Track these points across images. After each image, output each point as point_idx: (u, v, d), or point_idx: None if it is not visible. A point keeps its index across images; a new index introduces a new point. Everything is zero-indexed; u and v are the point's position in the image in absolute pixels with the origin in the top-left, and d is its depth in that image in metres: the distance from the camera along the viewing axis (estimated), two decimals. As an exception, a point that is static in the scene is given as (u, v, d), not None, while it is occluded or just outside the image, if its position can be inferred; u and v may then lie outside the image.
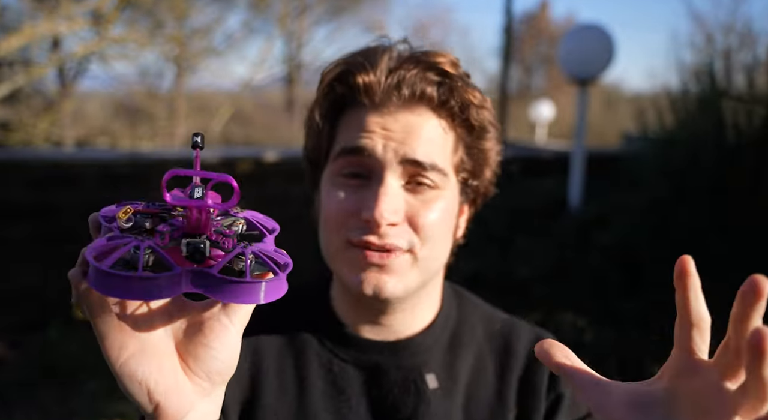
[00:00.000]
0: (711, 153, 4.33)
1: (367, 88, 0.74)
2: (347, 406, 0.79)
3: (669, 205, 4.14)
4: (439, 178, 0.75)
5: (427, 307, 0.83)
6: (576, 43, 4.48)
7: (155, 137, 9.84)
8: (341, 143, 0.76)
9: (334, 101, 0.78)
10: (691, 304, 0.49)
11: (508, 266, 3.95)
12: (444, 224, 0.77)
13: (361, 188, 0.75)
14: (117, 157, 4.12)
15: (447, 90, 0.75)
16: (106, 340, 0.46)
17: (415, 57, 0.76)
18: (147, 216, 0.48)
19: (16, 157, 3.90)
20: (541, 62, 21.52)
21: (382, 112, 0.74)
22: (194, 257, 0.45)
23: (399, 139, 0.73)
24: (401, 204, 0.73)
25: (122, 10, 7.85)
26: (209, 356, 0.49)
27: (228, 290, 0.43)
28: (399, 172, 0.74)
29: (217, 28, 10.62)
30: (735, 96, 4.62)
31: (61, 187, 3.86)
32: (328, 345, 0.82)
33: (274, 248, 0.51)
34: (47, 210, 3.84)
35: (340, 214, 0.75)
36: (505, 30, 7.73)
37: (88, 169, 3.93)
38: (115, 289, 0.41)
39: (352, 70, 0.75)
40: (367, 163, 0.74)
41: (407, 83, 0.74)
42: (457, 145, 0.77)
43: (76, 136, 9.47)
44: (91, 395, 3.15)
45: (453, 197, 0.78)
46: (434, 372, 0.81)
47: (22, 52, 7.50)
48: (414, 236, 0.74)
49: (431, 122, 0.75)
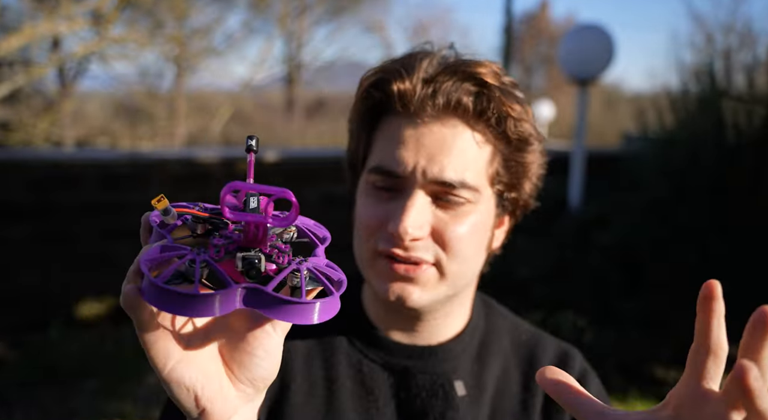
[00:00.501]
0: (711, 153, 4.32)
1: (402, 96, 0.74)
2: (375, 407, 0.80)
3: (669, 205, 4.14)
4: (469, 195, 0.74)
5: (458, 315, 0.84)
6: (576, 43, 4.48)
7: (155, 137, 9.83)
8: (376, 157, 0.77)
9: (371, 107, 0.78)
10: (713, 331, 0.45)
11: (508, 266, 3.95)
12: (474, 238, 0.77)
13: (391, 200, 0.75)
14: (117, 157, 4.12)
15: (484, 101, 0.74)
16: (152, 348, 0.46)
17: (453, 66, 0.74)
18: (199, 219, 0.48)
19: (16, 157, 3.90)
20: (541, 62, 21.52)
21: (416, 123, 0.74)
22: (249, 273, 0.44)
23: (430, 155, 0.73)
24: (427, 219, 0.74)
25: (122, 10, 7.85)
26: (252, 363, 0.49)
27: (282, 309, 0.43)
28: (428, 189, 0.74)
29: (217, 28, 10.63)
30: (735, 96, 4.62)
31: (61, 187, 3.86)
32: (359, 346, 0.83)
33: (326, 262, 0.50)
34: (47, 210, 3.84)
35: (371, 223, 0.76)
36: (505, 30, 7.72)
37: (88, 169, 3.93)
38: (171, 305, 0.41)
39: (388, 78, 0.75)
40: (399, 181, 0.74)
41: (443, 92, 0.73)
42: (494, 157, 0.76)
43: (76, 136, 9.46)
44: (91, 395, 3.15)
45: (487, 210, 0.78)
46: (462, 379, 0.82)
47: (22, 52, 7.50)
48: (440, 250, 0.75)
49: (465, 134, 0.74)
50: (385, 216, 0.75)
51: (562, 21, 21.64)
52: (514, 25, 8.51)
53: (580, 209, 4.59)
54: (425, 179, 0.73)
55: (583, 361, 0.88)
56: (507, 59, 7.82)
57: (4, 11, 7.52)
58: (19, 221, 3.78)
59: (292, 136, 10.99)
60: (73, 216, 3.90)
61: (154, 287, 0.41)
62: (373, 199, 0.77)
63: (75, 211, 3.91)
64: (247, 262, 0.44)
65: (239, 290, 0.42)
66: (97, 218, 3.97)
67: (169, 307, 0.41)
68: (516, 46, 17.23)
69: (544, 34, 21.31)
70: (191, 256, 0.43)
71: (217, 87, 12.29)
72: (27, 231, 3.80)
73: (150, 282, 0.41)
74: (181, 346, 0.47)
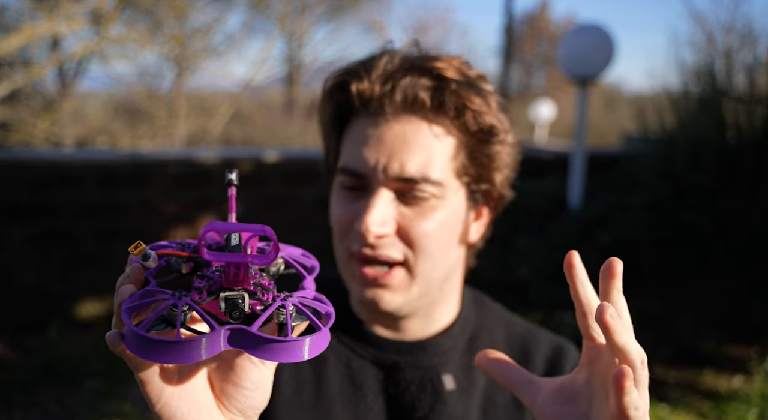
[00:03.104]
0: (711, 153, 4.32)
1: (361, 96, 0.75)
2: (364, 403, 0.80)
3: (669, 205, 4.14)
4: (434, 189, 0.75)
5: (443, 310, 0.84)
6: (576, 43, 4.48)
7: (155, 137, 9.82)
8: (343, 158, 0.78)
9: (336, 109, 0.79)
10: (581, 294, 0.52)
11: (508, 266, 3.95)
12: (442, 233, 0.76)
13: (358, 199, 0.77)
14: (117, 157, 4.12)
15: (441, 95, 0.74)
16: (147, 385, 0.46)
17: (411, 62, 0.75)
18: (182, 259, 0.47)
19: (16, 157, 3.89)
20: (541, 62, 21.52)
21: (377, 122, 0.75)
22: (233, 314, 0.44)
23: (391, 152, 0.74)
24: (390, 215, 0.74)
25: (122, 10, 7.84)
26: (241, 395, 0.49)
27: (269, 349, 0.41)
28: (392, 186, 0.75)
29: (217, 28, 10.62)
30: (735, 96, 4.62)
31: (61, 187, 3.86)
32: (347, 341, 0.83)
33: (314, 294, 0.49)
34: (47, 210, 3.84)
35: (341, 224, 0.77)
36: (505, 30, 7.73)
37: (88, 169, 3.93)
38: (153, 354, 0.40)
39: (347, 79, 0.77)
40: (364, 180, 0.76)
41: (400, 89, 0.74)
42: (458, 150, 0.77)
43: (76, 136, 9.46)
44: (91, 395, 3.15)
45: (456, 204, 0.78)
46: (452, 373, 0.82)
47: (22, 52, 7.50)
48: (407, 248, 0.75)
49: (425, 129, 0.75)
50: (353, 215, 0.76)
51: (562, 21, 21.64)
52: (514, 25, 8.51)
53: (580, 209, 4.59)
54: (387, 177, 0.74)
55: (577, 354, 0.87)
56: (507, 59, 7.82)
57: (4, 11, 7.52)
58: (19, 221, 3.77)
59: (292, 136, 10.98)
60: (73, 216, 3.90)
61: (135, 335, 0.40)
62: (343, 199, 0.78)
63: (75, 211, 3.91)
64: (230, 303, 0.44)
65: (223, 332, 0.41)
66: (96, 218, 3.96)
67: (152, 355, 0.40)
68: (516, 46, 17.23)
69: (544, 34, 21.30)
70: (173, 300, 0.43)
71: (217, 87, 12.29)
72: (27, 231, 3.80)
73: (130, 330, 0.41)
74: (173, 380, 0.47)
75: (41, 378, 3.24)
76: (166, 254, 0.47)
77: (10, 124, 7.95)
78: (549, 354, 0.85)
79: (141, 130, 9.97)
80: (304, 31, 14.05)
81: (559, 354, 0.86)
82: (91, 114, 11.38)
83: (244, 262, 0.43)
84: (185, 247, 0.49)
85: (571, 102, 12.30)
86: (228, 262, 0.44)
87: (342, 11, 14.54)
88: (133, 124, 10.43)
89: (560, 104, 14.21)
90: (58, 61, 8.46)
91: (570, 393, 0.54)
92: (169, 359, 0.40)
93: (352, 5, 14.49)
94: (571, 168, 4.68)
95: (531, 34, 21.46)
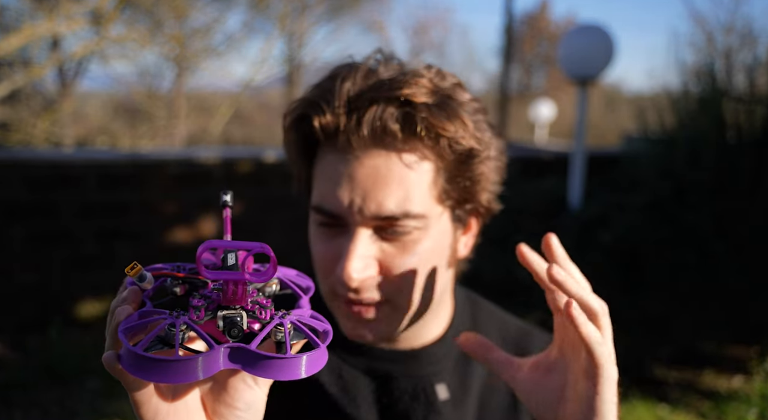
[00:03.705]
0: (711, 153, 4.32)
1: (326, 131, 0.69)
2: (357, 413, 0.79)
3: (669, 205, 4.13)
4: (416, 223, 0.69)
5: (436, 319, 0.82)
6: (576, 43, 4.47)
7: (155, 137, 9.83)
8: (316, 195, 0.73)
9: (301, 141, 0.74)
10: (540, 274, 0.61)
11: (508, 266, 3.95)
12: (428, 264, 0.72)
13: (338, 236, 0.72)
14: (117, 157, 4.12)
15: (412, 124, 0.67)
16: (142, 407, 0.45)
17: (376, 88, 0.68)
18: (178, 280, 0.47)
19: (16, 157, 3.89)
20: (541, 62, 21.52)
21: (346, 159, 0.69)
22: (231, 332, 0.44)
23: (365, 191, 0.68)
24: (371, 256, 0.70)
25: (122, 10, 7.84)
26: (233, 415, 0.49)
27: (267, 366, 0.41)
28: (370, 225, 0.70)
29: (217, 28, 10.61)
30: (736, 96, 4.62)
31: (61, 187, 3.86)
32: (338, 352, 0.81)
33: (311, 313, 0.49)
34: (47, 210, 3.84)
35: (323, 263, 0.73)
36: (505, 30, 7.72)
37: (88, 169, 3.93)
38: (152, 373, 0.40)
39: (308, 113, 0.70)
40: (339, 219, 0.71)
41: (366, 123, 0.67)
42: (437, 176, 0.70)
43: (76, 136, 9.46)
44: (91, 395, 3.15)
45: (440, 231, 0.73)
46: (445, 382, 0.80)
47: (22, 52, 7.50)
48: (390, 288, 0.71)
49: (398, 162, 0.68)
50: (333, 254, 0.71)
51: (562, 21, 21.64)
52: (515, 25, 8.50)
53: (580, 209, 4.58)
54: (364, 217, 0.68)
55: None
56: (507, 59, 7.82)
57: (4, 11, 7.51)
58: (19, 221, 3.77)
59: (292, 136, 10.92)
60: (73, 216, 3.90)
61: (132, 355, 0.40)
62: (321, 237, 0.73)
63: (75, 211, 3.91)
64: (228, 321, 0.44)
65: (222, 350, 0.41)
66: (96, 218, 3.96)
67: (150, 375, 0.40)
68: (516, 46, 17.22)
69: (544, 34, 21.30)
70: (170, 320, 0.43)
71: (217, 87, 12.29)
72: (27, 231, 3.80)
73: (128, 350, 0.40)
74: (167, 401, 0.47)
75: (41, 378, 3.24)
76: (162, 275, 0.47)
77: (10, 124, 7.95)
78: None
79: (141, 130, 9.98)
80: (304, 31, 14.05)
81: None
82: (91, 114, 11.38)
83: (243, 279, 0.43)
84: (180, 269, 0.49)
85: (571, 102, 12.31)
86: (226, 280, 0.44)
87: (342, 11, 14.54)
88: (133, 124, 10.44)
89: (560, 104, 14.21)
90: (58, 61, 8.46)
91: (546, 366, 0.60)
92: (168, 378, 0.40)
93: (352, 5, 14.49)
94: (571, 168, 4.68)
95: (531, 34, 21.45)
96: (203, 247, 0.42)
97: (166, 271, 0.47)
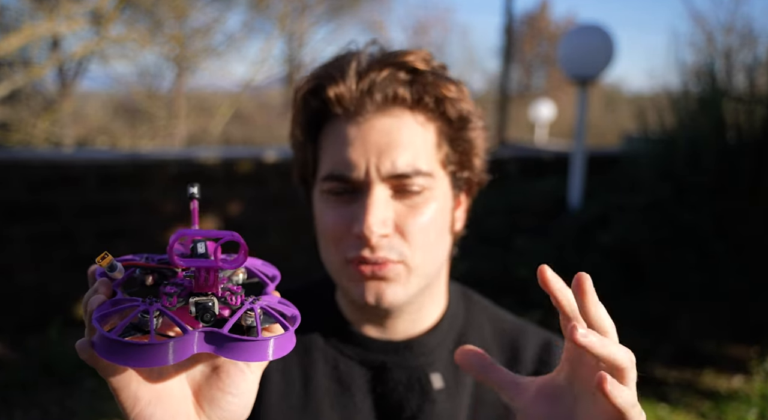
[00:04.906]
0: (711, 153, 4.32)
1: (340, 99, 0.74)
2: (352, 403, 0.80)
3: (669, 206, 4.14)
4: (425, 181, 0.75)
5: (431, 308, 0.84)
6: (576, 43, 4.48)
7: (155, 137, 9.82)
8: (327, 165, 0.76)
9: (311, 116, 0.78)
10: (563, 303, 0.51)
11: (508, 266, 3.95)
12: (436, 225, 0.77)
13: (350, 203, 0.75)
14: (117, 157, 4.12)
15: (419, 87, 0.74)
16: (120, 393, 0.46)
17: (382, 59, 0.75)
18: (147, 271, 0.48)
19: (16, 157, 3.89)
20: (541, 62, 21.52)
21: (359, 122, 0.74)
22: (204, 317, 0.45)
23: (379, 151, 0.73)
24: (390, 214, 0.74)
25: (122, 10, 7.84)
26: (225, 401, 0.49)
27: (239, 349, 0.43)
28: (385, 184, 0.74)
29: (217, 28, 10.61)
30: (735, 96, 4.62)
31: (61, 187, 3.86)
32: (334, 343, 0.83)
33: (279, 299, 0.51)
34: (47, 210, 3.84)
35: (335, 231, 0.76)
36: (505, 30, 7.72)
37: (88, 169, 3.93)
38: (127, 358, 0.41)
39: (322, 84, 0.75)
40: (355, 183, 0.74)
41: (378, 87, 0.73)
42: (440, 140, 0.77)
43: (76, 136, 9.46)
44: (90, 395, 3.15)
45: (444, 194, 0.78)
46: (440, 372, 0.81)
47: (22, 52, 7.50)
48: (405, 246, 0.75)
49: (409, 123, 0.75)
50: (348, 219, 0.74)
51: (562, 21, 21.64)
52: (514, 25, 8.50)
53: (580, 209, 4.59)
54: (380, 176, 0.73)
55: None
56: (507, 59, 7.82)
57: (4, 11, 7.52)
58: (19, 221, 3.77)
59: (292, 136, 10.92)
60: (73, 216, 3.90)
61: (105, 340, 0.41)
62: (333, 205, 0.76)
63: (75, 211, 3.91)
64: (200, 307, 0.45)
65: (196, 335, 0.43)
66: (96, 218, 3.96)
67: (121, 359, 0.41)
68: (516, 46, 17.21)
69: (544, 34, 21.30)
70: (144, 306, 0.44)
71: (217, 87, 12.29)
72: (27, 231, 3.80)
73: (101, 335, 0.41)
74: (150, 388, 0.47)
75: (41, 378, 3.24)
76: (132, 265, 0.48)
77: (10, 124, 7.95)
78: (537, 350, 0.85)
79: (141, 130, 9.97)
80: (304, 31, 14.05)
81: (548, 349, 0.85)
82: (91, 114, 11.38)
83: (215, 266, 0.45)
84: (149, 260, 0.50)
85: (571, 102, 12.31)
86: (198, 268, 0.45)
87: (342, 11, 14.54)
88: (133, 124, 10.44)
89: (560, 104, 14.21)
90: (58, 61, 8.46)
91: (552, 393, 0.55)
92: (141, 362, 0.41)
93: (352, 5, 14.49)
94: (571, 168, 4.68)
95: (531, 34, 21.45)
96: (175, 236, 0.43)
97: (136, 262, 0.48)
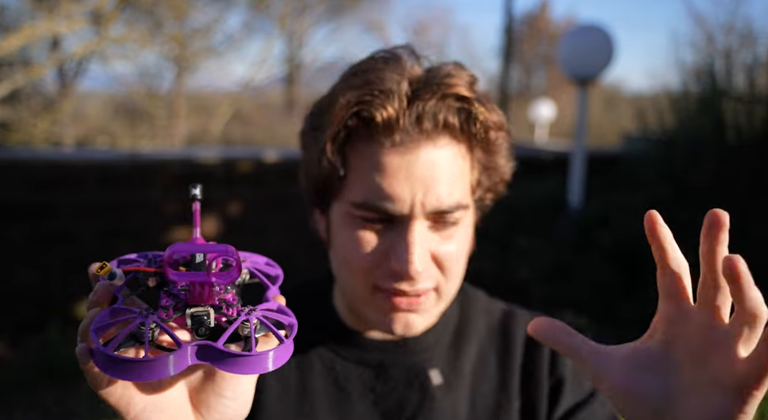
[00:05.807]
0: (711, 153, 4.32)
1: (387, 125, 0.68)
2: (349, 404, 0.79)
3: (669, 205, 4.13)
4: (461, 213, 0.73)
5: None
6: (576, 43, 4.48)
7: (155, 137, 9.83)
8: (360, 191, 0.70)
9: (345, 132, 0.71)
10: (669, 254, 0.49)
11: (508, 266, 3.95)
12: (465, 251, 0.77)
13: (386, 232, 0.71)
14: (117, 157, 4.12)
15: (467, 116, 0.70)
16: (111, 398, 0.46)
17: (430, 82, 0.69)
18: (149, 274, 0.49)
19: (16, 157, 3.89)
20: (541, 62, 21.51)
21: (401, 151, 0.69)
22: (198, 331, 0.46)
23: (425, 186, 0.69)
24: (427, 246, 0.72)
25: (122, 10, 7.84)
26: (221, 404, 0.49)
27: (234, 362, 0.43)
28: (426, 218, 0.71)
29: (217, 28, 10.62)
30: (735, 96, 4.62)
31: (61, 187, 3.86)
32: (331, 344, 0.82)
33: (278, 305, 0.50)
34: (47, 210, 3.84)
35: (367, 260, 0.72)
36: (505, 30, 7.73)
37: (88, 169, 3.93)
38: (122, 373, 0.41)
39: (368, 103, 0.69)
40: (392, 216, 0.71)
41: (428, 115, 0.68)
42: (473, 167, 0.75)
43: (76, 136, 9.46)
44: (90, 395, 3.15)
45: (471, 221, 0.78)
46: (438, 368, 0.82)
47: (22, 52, 7.50)
48: (439, 274, 0.74)
49: (453, 153, 0.71)
50: (384, 252, 0.71)
51: (562, 21, 21.63)
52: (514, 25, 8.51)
53: (580, 209, 4.59)
54: (424, 212, 0.70)
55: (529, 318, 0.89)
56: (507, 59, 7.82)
57: (4, 11, 7.52)
58: (18, 221, 3.77)
59: (292, 136, 10.93)
60: (73, 216, 3.90)
61: (104, 355, 0.42)
62: (364, 232, 0.72)
63: (75, 211, 3.91)
64: (196, 320, 0.45)
65: (190, 348, 0.43)
66: (96, 218, 3.96)
67: (120, 373, 0.41)
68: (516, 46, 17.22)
69: (544, 34, 21.29)
70: (140, 319, 0.44)
71: (217, 87, 12.29)
72: (27, 231, 3.80)
73: (99, 350, 0.42)
74: (145, 394, 0.47)
75: (41, 378, 3.24)
76: (133, 271, 0.49)
77: (10, 124, 7.95)
78: (525, 330, 0.86)
79: (141, 130, 9.98)
80: (304, 31, 14.05)
81: None
82: (91, 114, 11.38)
83: (208, 281, 0.45)
84: (152, 260, 0.50)
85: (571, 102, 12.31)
86: (192, 282, 0.45)
87: (342, 11, 14.55)
88: (133, 124, 10.43)
89: (560, 104, 14.20)
90: (58, 61, 8.46)
91: (644, 362, 0.49)
92: (137, 377, 0.41)
93: (352, 5, 14.50)
94: (571, 168, 4.68)
95: (531, 34, 21.45)
96: (170, 251, 0.44)
97: (137, 267, 0.49)
